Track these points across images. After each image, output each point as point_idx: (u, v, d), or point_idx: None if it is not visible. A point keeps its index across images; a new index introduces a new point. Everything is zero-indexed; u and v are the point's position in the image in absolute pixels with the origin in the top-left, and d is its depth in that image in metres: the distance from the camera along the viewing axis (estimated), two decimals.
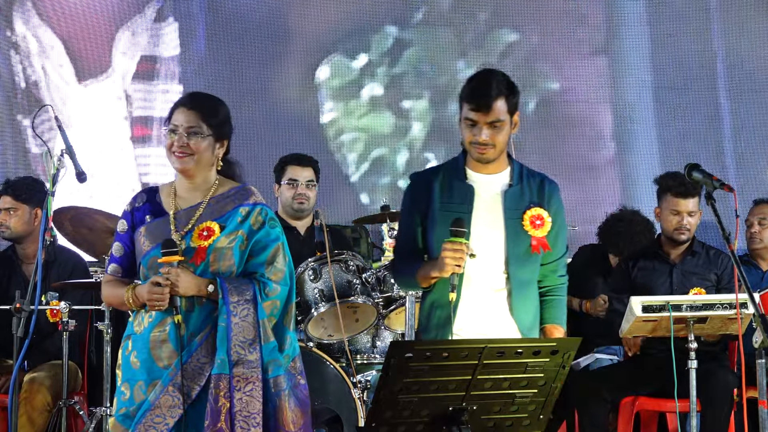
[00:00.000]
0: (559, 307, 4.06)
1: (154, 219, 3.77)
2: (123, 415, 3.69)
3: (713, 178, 3.99)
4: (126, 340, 3.79)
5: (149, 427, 3.62)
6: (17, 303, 4.80)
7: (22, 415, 5.42)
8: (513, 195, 3.94)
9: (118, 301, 3.80)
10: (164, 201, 3.82)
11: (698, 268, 5.61)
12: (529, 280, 3.96)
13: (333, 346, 5.50)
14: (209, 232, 3.74)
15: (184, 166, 3.77)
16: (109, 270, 3.85)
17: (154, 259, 3.71)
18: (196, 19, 7.77)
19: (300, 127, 8.00)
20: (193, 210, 3.79)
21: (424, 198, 3.95)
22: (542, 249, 3.91)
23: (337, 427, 5.22)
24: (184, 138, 3.75)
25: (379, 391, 3.17)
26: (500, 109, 3.83)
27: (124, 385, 3.73)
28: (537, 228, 3.91)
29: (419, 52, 8.26)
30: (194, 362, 3.67)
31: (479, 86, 3.86)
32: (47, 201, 4.38)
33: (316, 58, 8.13)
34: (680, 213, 5.54)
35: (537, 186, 3.99)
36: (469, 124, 3.86)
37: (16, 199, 5.83)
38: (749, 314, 4.69)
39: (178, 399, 3.64)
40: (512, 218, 3.91)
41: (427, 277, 3.87)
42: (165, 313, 3.69)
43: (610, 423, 5.64)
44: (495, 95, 3.82)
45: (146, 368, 3.69)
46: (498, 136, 3.85)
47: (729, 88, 8.25)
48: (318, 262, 5.35)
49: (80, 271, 5.90)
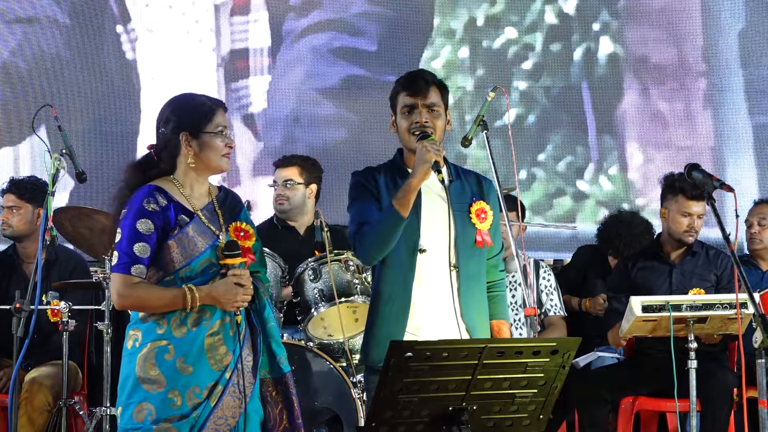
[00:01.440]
0: (504, 302, 4.15)
1: (191, 220, 3.71)
2: (180, 423, 3.61)
3: (713, 178, 4.00)
4: (158, 344, 3.64)
5: (214, 430, 3.62)
6: (17, 303, 4.81)
7: (22, 415, 5.42)
8: (456, 189, 4.00)
9: (162, 303, 3.64)
10: (181, 200, 3.74)
11: (698, 269, 5.61)
12: (475, 274, 4.00)
13: (333, 346, 5.50)
14: (245, 232, 3.76)
15: (228, 167, 3.82)
16: (134, 272, 3.62)
17: (207, 260, 3.68)
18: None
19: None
20: (211, 210, 3.77)
21: (375, 190, 4.01)
22: (485, 244, 3.98)
23: (337, 427, 5.22)
24: (228, 139, 3.78)
25: (379, 391, 3.17)
26: (435, 96, 3.98)
27: (171, 392, 3.61)
28: (482, 221, 3.99)
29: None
30: (244, 361, 3.69)
31: (412, 75, 4.03)
32: (47, 201, 4.39)
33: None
34: (691, 215, 5.54)
35: (475, 181, 4.08)
36: (407, 111, 3.97)
37: (20, 198, 5.84)
38: (749, 314, 4.70)
39: (239, 399, 3.65)
40: (459, 211, 3.97)
41: (406, 193, 3.85)
42: (220, 315, 3.66)
43: (610, 423, 5.64)
44: (430, 81, 3.99)
45: (201, 372, 3.63)
46: (436, 120, 3.97)
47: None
48: (318, 262, 5.36)
49: (81, 270, 5.91)
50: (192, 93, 3.89)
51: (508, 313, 4.14)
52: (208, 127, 3.75)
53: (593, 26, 7.73)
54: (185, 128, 3.76)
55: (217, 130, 3.75)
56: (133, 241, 3.64)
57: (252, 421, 3.70)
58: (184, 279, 3.67)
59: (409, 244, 3.94)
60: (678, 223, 5.57)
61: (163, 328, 3.66)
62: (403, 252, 3.94)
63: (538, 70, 7.87)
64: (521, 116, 7.79)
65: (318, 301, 5.32)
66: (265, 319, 3.77)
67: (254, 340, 3.74)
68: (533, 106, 7.88)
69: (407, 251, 3.94)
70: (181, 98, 3.85)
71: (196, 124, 3.76)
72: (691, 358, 4.90)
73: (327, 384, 5.22)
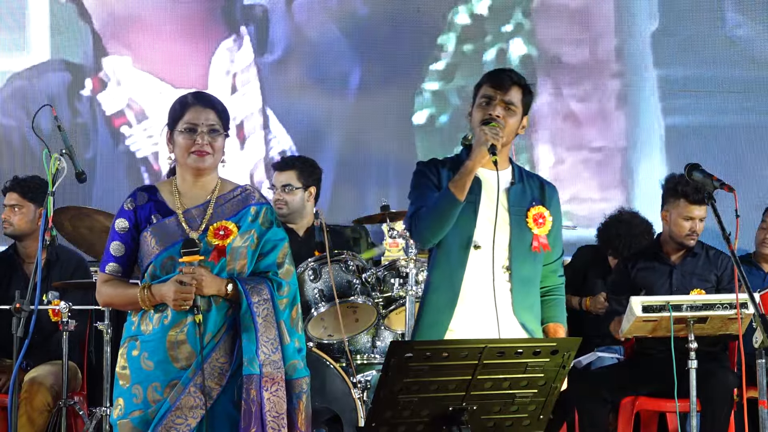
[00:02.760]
0: (560, 306, 4.10)
1: (162, 218, 3.72)
2: (139, 418, 3.63)
3: (713, 178, 4.00)
4: (131, 340, 3.71)
5: (170, 429, 3.60)
6: (17, 303, 4.81)
7: (22, 415, 5.42)
8: (516, 192, 3.98)
9: (124, 300, 3.73)
10: (168, 200, 3.76)
11: (698, 269, 5.60)
12: (529, 278, 3.97)
13: (333, 346, 5.51)
14: (226, 231, 3.73)
15: (205, 165, 3.74)
16: (108, 269, 3.75)
17: (168, 258, 3.68)
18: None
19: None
20: (202, 209, 3.76)
21: (436, 180, 3.98)
22: (542, 249, 3.95)
23: (337, 427, 5.22)
24: (206, 137, 3.73)
25: (379, 391, 3.16)
26: (516, 95, 3.93)
27: (135, 388, 3.65)
28: (539, 226, 3.96)
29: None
30: (214, 362, 3.65)
31: (501, 70, 4.01)
32: (47, 201, 4.39)
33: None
34: (693, 219, 5.54)
35: (538, 186, 4.05)
36: (485, 102, 3.94)
37: (23, 197, 5.85)
38: (749, 314, 4.70)
39: (200, 399, 3.61)
40: (516, 214, 3.95)
41: (463, 176, 3.84)
42: (183, 313, 3.65)
43: (610, 423, 5.64)
44: (515, 80, 3.95)
45: (162, 369, 3.64)
46: (510, 119, 3.92)
47: None
48: (318, 262, 5.36)
49: (82, 270, 5.91)
50: (195, 91, 3.91)
51: (564, 317, 4.09)
52: (179, 125, 3.76)
53: (506, 27, 7.67)
54: (168, 126, 3.81)
55: (183, 127, 3.74)
56: (111, 239, 3.77)
57: (218, 424, 3.64)
58: (153, 276, 3.70)
59: (464, 238, 3.91)
60: (680, 227, 5.56)
61: (135, 324, 3.73)
62: (457, 245, 3.91)
63: (450, 71, 7.79)
64: (433, 116, 7.73)
65: (318, 301, 5.32)
66: (242, 319, 3.68)
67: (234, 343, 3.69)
68: (446, 106, 7.81)
69: (461, 245, 3.91)
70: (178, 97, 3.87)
71: (172, 122, 3.79)
72: (691, 358, 4.90)
73: (327, 384, 5.21)
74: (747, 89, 7.44)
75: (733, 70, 7.46)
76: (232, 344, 3.68)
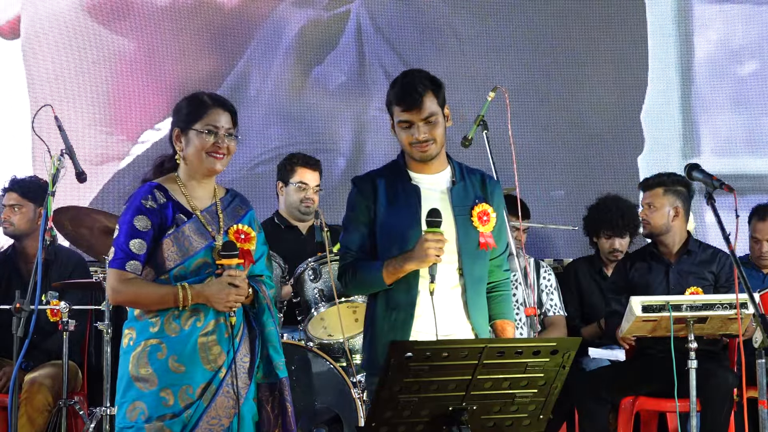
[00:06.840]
0: (508, 302, 4.13)
1: (188, 219, 3.71)
2: (174, 422, 3.61)
3: (713, 178, 4.00)
4: (153, 343, 3.65)
5: (207, 430, 3.62)
6: (17, 303, 4.81)
7: (22, 415, 5.42)
8: (458, 192, 3.99)
9: (154, 299, 3.65)
10: (181, 200, 3.75)
11: (695, 267, 5.60)
12: (480, 277, 4.00)
13: (333, 346, 5.50)
14: (246, 234, 3.76)
15: (221, 167, 3.76)
16: (129, 267, 3.64)
17: (202, 260, 3.68)
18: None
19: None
20: (213, 212, 3.77)
21: (372, 200, 3.98)
22: (489, 246, 3.96)
23: (337, 427, 5.22)
24: (225, 140, 3.74)
25: (379, 391, 3.16)
26: (431, 105, 3.90)
27: (164, 391, 3.61)
28: (484, 224, 3.96)
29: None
30: (239, 362, 3.69)
31: (405, 87, 3.92)
32: (47, 201, 4.39)
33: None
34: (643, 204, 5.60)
35: (479, 182, 4.05)
36: (405, 126, 3.92)
37: (23, 197, 5.86)
38: (749, 314, 4.70)
39: (232, 399, 3.65)
40: (461, 215, 3.95)
41: (397, 271, 3.86)
42: (215, 314, 3.66)
43: (610, 423, 5.64)
44: (422, 92, 3.89)
45: (194, 371, 3.63)
46: (435, 130, 3.92)
47: None
48: (318, 262, 5.36)
49: (81, 270, 5.91)
50: (206, 92, 3.89)
51: (512, 312, 4.13)
52: (197, 125, 3.74)
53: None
54: (178, 124, 3.78)
55: (205, 129, 3.73)
56: (130, 237, 3.65)
57: (246, 423, 3.69)
58: (178, 278, 3.67)
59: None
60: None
61: (156, 326, 3.66)
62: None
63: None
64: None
65: (318, 301, 5.32)
66: (263, 323, 3.76)
67: (253, 343, 3.74)
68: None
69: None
70: (189, 95, 3.85)
71: (187, 120, 3.76)
72: (691, 358, 4.90)
73: (327, 384, 5.21)
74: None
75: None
76: (251, 344, 3.74)
